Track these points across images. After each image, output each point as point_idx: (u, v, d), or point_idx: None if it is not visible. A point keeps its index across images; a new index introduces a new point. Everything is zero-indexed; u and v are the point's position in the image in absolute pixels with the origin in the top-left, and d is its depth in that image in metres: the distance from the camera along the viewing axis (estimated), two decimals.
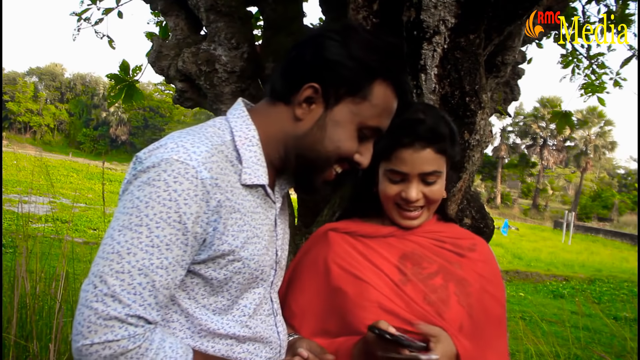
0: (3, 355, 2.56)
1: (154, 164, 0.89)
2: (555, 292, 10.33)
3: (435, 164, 1.17)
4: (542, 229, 31.54)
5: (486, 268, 1.24)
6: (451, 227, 1.29)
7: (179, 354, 0.91)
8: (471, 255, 1.24)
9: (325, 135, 0.99)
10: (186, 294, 0.97)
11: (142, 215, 0.86)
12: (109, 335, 0.83)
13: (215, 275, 0.96)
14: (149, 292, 0.86)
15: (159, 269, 0.87)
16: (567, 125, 3.70)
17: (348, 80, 0.97)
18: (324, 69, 0.97)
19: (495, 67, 2.22)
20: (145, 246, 0.86)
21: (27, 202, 4.55)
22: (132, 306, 0.85)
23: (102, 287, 0.84)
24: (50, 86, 60.65)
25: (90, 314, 0.83)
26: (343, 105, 0.99)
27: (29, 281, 2.76)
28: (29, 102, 56.47)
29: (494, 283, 1.24)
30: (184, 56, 2.27)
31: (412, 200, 1.18)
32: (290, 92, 1.00)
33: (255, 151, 1.00)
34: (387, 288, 1.16)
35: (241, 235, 0.97)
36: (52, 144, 56.85)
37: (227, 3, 2.24)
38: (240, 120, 1.02)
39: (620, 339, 4.12)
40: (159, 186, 0.87)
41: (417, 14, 1.63)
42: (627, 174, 54.26)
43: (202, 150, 0.92)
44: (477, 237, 1.30)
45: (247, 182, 0.98)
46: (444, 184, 1.22)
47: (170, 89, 13.64)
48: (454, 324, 1.13)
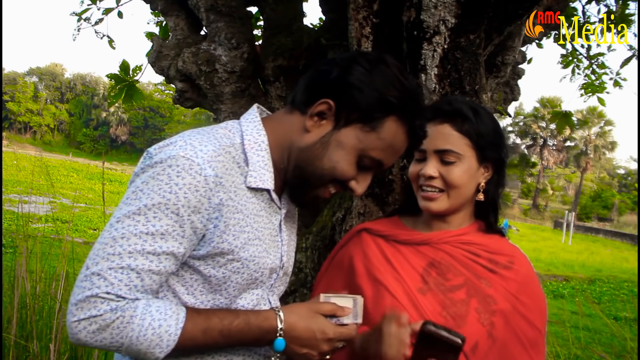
0: (3, 355, 2.56)
1: (161, 160, 0.92)
2: (555, 292, 10.32)
3: (452, 143, 1.15)
4: (542, 229, 31.55)
5: (521, 289, 1.17)
6: (493, 240, 1.22)
7: (168, 315, 0.91)
8: (505, 273, 1.17)
9: (326, 153, 1.00)
10: (185, 290, 0.98)
11: (141, 205, 0.90)
12: (92, 311, 0.87)
13: (214, 273, 0.97)
14: (137, 274, 0.89)
15: (150, 255, 0.89)
16: (567, 125, 3.70)
17: (362, 107, 0.98)
18: (343, 89, 0.99)
19: (495, 67, 2.22)
20: (140, 232, 0.89)
21: (27, 202, 4.55)
22: (116, 285, 0.88)
23: (93, 267, 0.88)
24: (50, 86, 60.64)
25: (78, 292, 0.88)
26: (351, 129, 0.99)
27: (29, 281, 2.76)
28: (29, 102, 56.47)
29: (529, 305, 1.17)
30: (184, 56, 2.27)
31: (427, 175, 1.16)
32: (307, 103, 1.02)
33: (263, 156, 1.02)
34: (405, 296, 1.15)
35: (242, 235, 0.98)
36: (52, 144, 56.86)
37: (227, 3, 2.24)
38: (252, 125, 1.04)
39: (620, 339, 4.12)
40: (162, 179, 0.90)
41: (417, 14, 1.63)
42: (627, 174, 54.25)
43: (209, 149, 0.94)
44: (518, 255, 1.22)
45: (252, 185, 1.00)
46: (467, 171, 1.17)
47: (170, 89, 13.66)
48: (467, 342, 1.08)
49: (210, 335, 0.94)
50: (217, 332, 0.95)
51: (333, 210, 2.03)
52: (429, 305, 1.13)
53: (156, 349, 0.90)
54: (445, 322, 1.10)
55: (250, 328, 0.97)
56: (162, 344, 0.90)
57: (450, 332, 1.00)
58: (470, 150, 1.17)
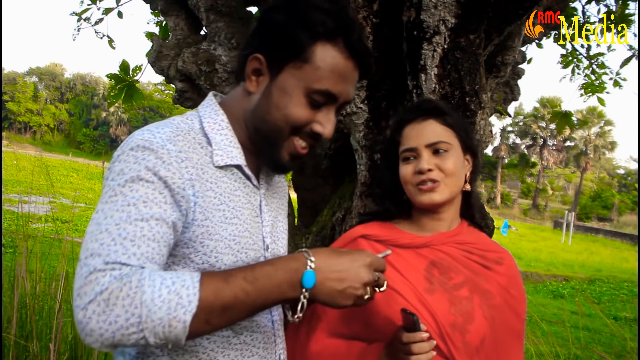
0: (3, 355, 2.55)
1: (123, 152, 0.90)
2: (555, 292, 10.33)
3: (441, 135, 1.20)
4: (542, 229, 31.54)
5: (511, 283, 1.23)
6: (481, 238, 1.28)
7: (179, 274, 0.81)
8: (497, 268, 1.23)
9: (272, 104, 0.97)
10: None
11: (115, 186, 0.86)
12: (96, 288, 0.76)
13: (205, 260, 0.93)
14: (131, 241, 0.80)
15: (138, 222, 0.82)
16: (567, 125, 3.70)
17: (287, 44, 0.95)
18: (265, 37, 0.96)
19: (495, 67, 2.22)
20: (121, 206, 0.83)
21: (27, 202, 4.55)
22: (113, 254, 0.79)
23: (85, 253, 0.80)
24: (50, 86, 60.64)
25: (77, 280, 0.78)
26: (286, 72, 0.96)
27: (29, 281, 2.76)
28: (29, 102, 56.47)
29: (517, 298, 1.23)
30: (184, 56, 2.27)
31: (424, 169, 1.18)
32: (242, 68, 1.00)
33: (226, 134, 1.00)
34: (414, 297, 1.16)
35: (217, 214, 0.95)
36: (52, 144, 56.85)
37: (227, 3, 2.24)
38: (209, 109, 1.03)
39: (620, 339, 4.12)
40: (128, 160, 0.88)
41: (417, 14, 1.63)
42: (627, 174, 54.26)
43: (166, 131, 0.92)
44: (504, 251, 1.28)
45: (219, 164, 0.96)
46: (458, 159, 1.21)
47: (170, 89, 13.65)
48: (477, 337, 1.13)
49: (234, 283, 0.82)
50: (241, 279, 0.83)
51: (333, 210, 2.03)
52: (438, 304, 1.15)
53: (179, 311, 0.77)
54: (455, 320, 1.13)
55: (276, 269, 0.86)
56: (182, 301, 0.77)
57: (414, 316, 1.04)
58: (456, 141, 1.22)
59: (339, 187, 2.18)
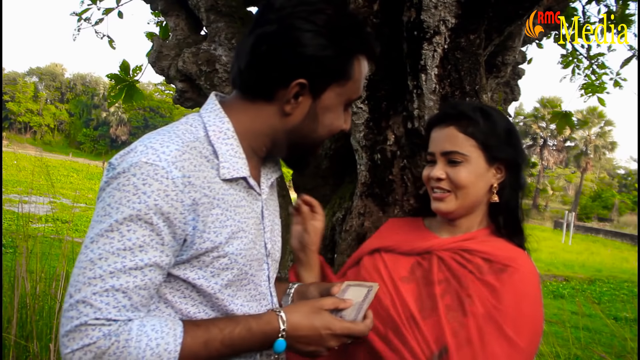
0: (3, 355, 2.56)
1: (124, 170, 0.87)
2: (555, 292, 10.31)
3: (457, 144, 1.18)
4: (542, 229, 31.51)
5: (507, 298, 1.09)
6: (497, 245, 1.19)
7: (165, 332, 0.87)
8: (492, 277, 1.12)
9: (319, 123, 1.01)
10: (180, 298, 0.95)
11: (112, 221, 0.85)
12: (84, 340, 0.83)
13: (201, 274, 0.94)
14: (123, 294, 0.85)
15: (132, 271, 0.85)
16: (567, 125, 3.70)
17: (331, 69, 0.98)
18: (308, 65, 0.96)
19: (495, 67, 2.22)
20: (117, 250, 0.85)
21: (27, 202, 4.55)
22: (104, 309, 0.83)
23: (76, 295, 0.84)
24: (50, 86, 60.64)
25: (67, 323, 0.84)
26: (330, 91, 1.00)
27: (29, 281, 2.76)
28: (29, 102, 56.46)
29: (507, 314, 1.08)
30: (184, 56, 2.27)
31: (434, 177, 1.20)
32: (271, 90, 0.98)
33: (231, 144, 0.98)
34: (390, 281, 1.20)
35: (224, 230, 0.95)
36: (52, 144, 56.85)
37: (228, 3, 2.24)
38: (214, 114, 1.00)
39: (620, 339, 4.12)
40: (129, 190, 0.86)
41: (418, 14, 1.63)
42: (627, 174, 54.23)
43: (171, 149, 0.90)
44: (519, 264, 1.14)
45: (226, 177, 0.95)
46: (474, 171, 1.18)
47: (170, 89, 13.62)
48: (430, 335, 1.10)
49: (212, 346, 0.91)
50: (218, 343, 0.92)
51: (333, 210, 2.02)
52: (408, 292, 1.17)
53: None
54: (417, 308, 1.15)
55: (252, 334, 0.95)
56: None
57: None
58: (477, 151, 1.18)
59: (339, 187, 2.17)
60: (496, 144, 1.18)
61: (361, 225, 1.74)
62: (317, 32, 0.95)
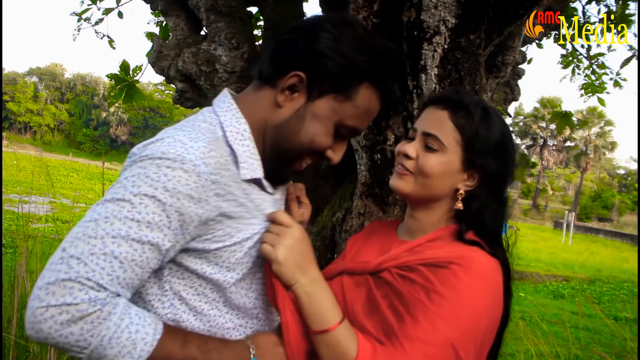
0: (3, 355, 2.56)
1: (149, 156, 0.86)
2: (555, 292, 10.31)
3: (442, 131, 1.07)
4: (542, 229, 31.52)
5: (439, 285, 0.98)
6: (452, 249, 1.04)
7: (147, 322, 0.84)
8: (426, 269, 1.01)
9: (302, 127, 0.98)
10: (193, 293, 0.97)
11: (127, 192, 0.83)
12: (67, 298, 0.76)
13: (219, 271, 0.96)
14: (120, 264, 0.80)
15: (134, 242, 0.81)
16: (567, 125, 3.71)
17: (335, 76, 0.95)
18: (312, 59, 0.95)
19: (495, 67, 2.22)
20: (125, 217, 0.81)
21: (27, 202, 4.55)
22: (98, 272, 0.78)
23: (70, 250, 0.79)
24: (50, 86, 60.64)
25: (50, 275, 0.77)
26: (325, 100, 0.97)
27: (29, 281, 2.76)
28: (29, 102, 56.46)
29: (439, 292, 0.97)
30: (184, 56, 2.27)
31: (404, 152, 1.10)
32: (275, 76, 0.98)
33: (248, 145, 0.98)
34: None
35: (245, 228, 0.97)
36: (52, 144, 56.85)
37: (228, 3, 2.24)
38: (230, 114, 1.00)
39: (620, 339, 4.12)
40: (151, 170, 0.84)
41: (418, 14, 1.63)
42: (627, 174, 54.23)
43: (199, 145, 0.89)
44: (464, 261, 0.99)
45: (246, 177, 0.96)
46: (444, 165, 1.06)
47: (170, 89, 13.63)
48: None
49: (188, 350, 0.89)
50: (195, 347, 0.91)
51: (333, 211, 2.02)
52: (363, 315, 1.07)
53: (125, 358, 0.80)
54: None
55: (228, 348, 0.96)
56: (134, 352, 0.81)
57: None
58: (457, 146, 1.07)
59: (339, 187, 2.18)
60: (480, 150, 1.06)
61: (361, 225, 1.75)
62: (337, 38, 0.95)
